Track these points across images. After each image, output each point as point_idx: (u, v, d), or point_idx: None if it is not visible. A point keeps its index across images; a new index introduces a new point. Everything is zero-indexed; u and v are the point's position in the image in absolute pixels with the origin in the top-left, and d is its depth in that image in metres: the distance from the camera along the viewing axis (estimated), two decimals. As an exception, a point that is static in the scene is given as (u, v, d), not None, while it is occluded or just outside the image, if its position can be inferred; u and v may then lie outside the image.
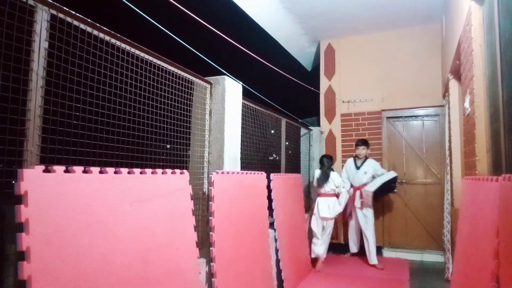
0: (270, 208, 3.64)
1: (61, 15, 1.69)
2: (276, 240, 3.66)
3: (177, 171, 2.35)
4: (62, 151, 1.71)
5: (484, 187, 1.82)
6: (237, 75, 3.42)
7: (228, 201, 2.82)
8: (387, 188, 4.83)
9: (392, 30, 5.63)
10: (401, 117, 5.63)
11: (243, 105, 3.46)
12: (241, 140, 3.39)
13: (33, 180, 1.42)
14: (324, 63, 6.17)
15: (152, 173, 2.11)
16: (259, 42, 5.37)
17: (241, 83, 3.36)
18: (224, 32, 3.38)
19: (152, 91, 2.32)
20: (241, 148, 3.37)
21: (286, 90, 6.96)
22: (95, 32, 1.88)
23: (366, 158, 5.03)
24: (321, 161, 4.91)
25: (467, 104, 2.77)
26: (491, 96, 2.31)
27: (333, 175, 4.74)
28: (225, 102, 3.08)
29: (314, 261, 4.64)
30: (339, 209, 4.64)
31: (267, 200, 3.57)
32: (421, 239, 5.29)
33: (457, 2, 3.37)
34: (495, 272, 1.42)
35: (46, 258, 1.41)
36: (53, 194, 1.49)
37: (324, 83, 6.13)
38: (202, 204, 2.87)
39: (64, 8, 1.69)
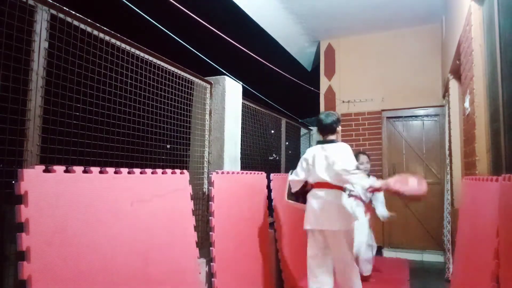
0: (270, 208, 3.64)
1: (61, 15, 1.69)
2: (276, 240, 3.66)
3: (177, 171, 2.35)
4: (62, 151, 1.71)
5: (484, 187, 1.82)
6: (237, 75, 3.42)
7: (228, 201, 2.82)
8: None
9: (392, 30, 5.63)
10: (401, 117, 5.62)
11: (243, 105, 3.46)
12: (241, 140, 3.39)
13: (33, 180, 1.42)
14: (324, 63, 6.16)
15: (152, 173, 2.11)
16: (259, 42, 5.37)
17: (241, 83, 3.36)
18: (224, 32, 3.38)
19: (152, 91, 2.32)
20: (241, 148, 3.37)
21: (286, 90, 6.96)
22: (95, 32, 1.88)
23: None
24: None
25: (467, 104, 2.77)
26: (491, 96, 2.31)
27: None
28: (225, 102, 3.08)
29: None
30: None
31: (267, 200, 3.57)
32: (421, 239, 5.29)
33: (457, 2, 3.37)
34: (495, 272, 1.42)
35: (46, 258, 1.41)
36: (53, 194, 1.49)
37: (324, 83, 6.13)
38: (202, 204, 2.87)
39: (64, 8, 1.69)
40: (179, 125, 2.60)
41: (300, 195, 2.95)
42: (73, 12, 1.74)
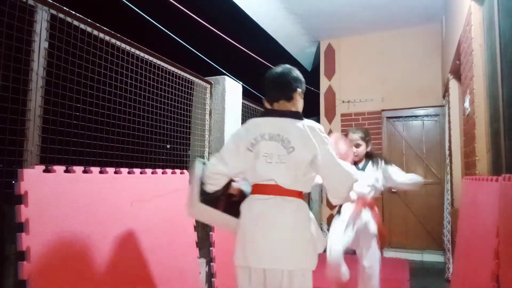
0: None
1: (61, 15, 1.69)
2: (276, 240, 3.66)
3: (177, 171, 2.35)
4: (62, 151, 1.71)
5: (484, 187, 1.82)
6: (237, 75, 3.42)
7: (228, 201, 2.82)
8: None
9: (392, 30, 5.63)
10: (401, 117, 5.62)
11: (243, 105, 3.46)
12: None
13: (33, 180, 1.42)
14: (324, 63, 6.16)
15: (152, 173, 2.11)
16: (259, 42, 5.37)
17: (241, 83, 3.36)
18: (224, 32, 3.38)
19: (152, 91, 2.32)
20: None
21: (286, 90, 6.95)
22: (95, 32, 1.88)
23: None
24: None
25: (467, 104, 2.77)
26: (491, 96, 2.31)
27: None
28: (225, 102, 3.08)
29: None
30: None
31: (267, 200, 3.56)
32: (421, 239, 5.29)
33: (457, 2, 3.37)
34: (495, 272, 1.42)
35: (46, 258, 1.41)
36: (53, 194, 1.49)
37: (324, 83, 6.13)
38: (202, 204, 2.86)
39: (64, 8, 1.69)
40: (179, 125, 2.60)
41: (225, 200, 1.69)
42: (73, 12, 1.74)
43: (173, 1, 2.74)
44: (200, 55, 3.41)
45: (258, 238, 1.54)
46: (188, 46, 3.24)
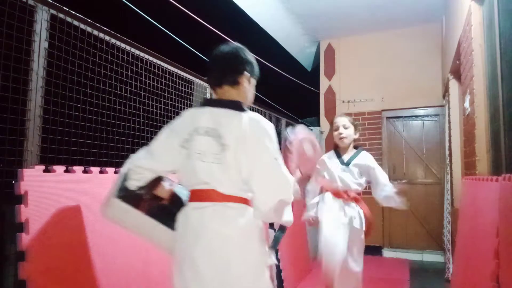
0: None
1: (61, 15, 1.69)
2: (276, 240, 3.65)
3: (177, 171, 2.34)
4: (62, 151, 1.71)
5: (484, 187, 1.82)
6: (237, 75, 3.41)
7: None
8: None
9: (392, 30, 5.63)
10: (401, 117, 5.62)
11: (243, 105, 3.46)
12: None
13: (33, 180, 1.42)
14: (324, 63, 6.17)
15: (152, 173, 2.11)
16: (259, 42, 5.36)
17: (241, 83, 3.35)
18: (224, 32, 3.38)
19: (152, 91, 2.33)
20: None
21: (286, 90, 6.96)
22: (95, 32, 1.88)
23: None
24: None
25: (467, 104, 2.77)
26: (491, 96, 2.31)
27: None
28: (225, 102, 3.07)
29: None
30: None
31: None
32: (421, 239, 5.29)
33: (457, 2, 3.37)
34: (495, 272, 1.42)
35: (46, 258, 1.41)
36: (53, 194, 1.49)
37: (324, 83, 6.13)
38: (202, 204, 2.86)
39: (64, 8, 1.69)
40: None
41: (150, 200, 1.40)
42: (73, 12, 1.74)
43: (173, 1, 2.74)
44: (200, 55, 3.41)
45: (198, 257, 1.24)
46: (188, 46, 3.24)
